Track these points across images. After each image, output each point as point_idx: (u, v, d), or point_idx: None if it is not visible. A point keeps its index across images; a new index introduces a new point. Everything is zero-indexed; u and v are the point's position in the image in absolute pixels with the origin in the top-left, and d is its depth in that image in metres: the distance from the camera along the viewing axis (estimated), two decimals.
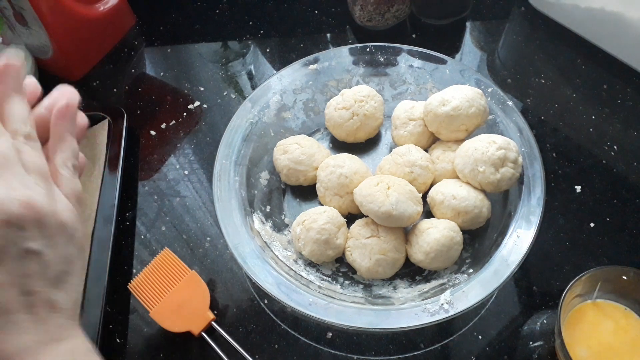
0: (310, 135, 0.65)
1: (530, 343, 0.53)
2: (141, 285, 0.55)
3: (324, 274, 0.55)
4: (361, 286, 0.54)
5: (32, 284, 0.28)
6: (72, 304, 0.31)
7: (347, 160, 0.57)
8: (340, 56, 0.66)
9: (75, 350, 0.30)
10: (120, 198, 0.60)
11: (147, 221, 0.62)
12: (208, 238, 0.61)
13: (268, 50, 0.78)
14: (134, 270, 0.59)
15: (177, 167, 0.67)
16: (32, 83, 0.34)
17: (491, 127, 0.60)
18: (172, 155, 0.68)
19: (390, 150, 0.61)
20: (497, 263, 0.49)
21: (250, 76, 0.76)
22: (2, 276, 0.27)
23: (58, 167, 0.32)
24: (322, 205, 0.58)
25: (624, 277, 0.48)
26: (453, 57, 0.67)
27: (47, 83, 0.37)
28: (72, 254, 0.30)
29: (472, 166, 0.53)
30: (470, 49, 0.77)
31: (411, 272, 0.55)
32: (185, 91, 0.74)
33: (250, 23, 0.81)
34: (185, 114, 0.72)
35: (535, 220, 0.51)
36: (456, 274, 0.52)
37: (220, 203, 0.54)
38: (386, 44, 0.66)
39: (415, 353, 0.52)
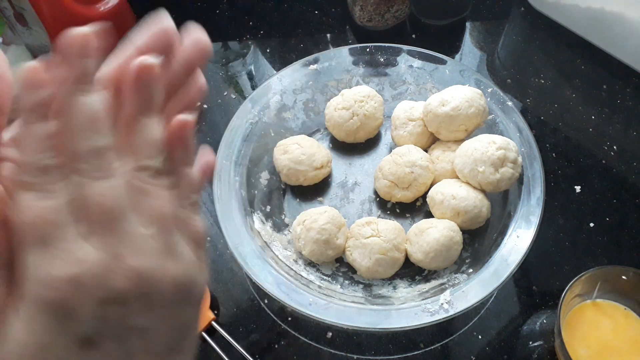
0: (310, 135, 0.65)
1: (530, 343, 0.53)
2: None
3: (324, 274, 0.55)
4: (361, 286, 0.54)
5: None
6: None
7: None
8: (340, 56, 0.66)
9: None
10: None
11: None
12: (208, 238, 0.61)
13: (268, 50, 0.78)
14: None
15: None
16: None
17: (491, 127, 0.60)
18: None
19: (390, 151, 0.61)
20: (496, 263, 0.50)
21: (251, 76, 0.76)
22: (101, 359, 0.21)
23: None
24: (320, 206, 0.58)
25: (623, 277, 0.48)
26: (453, 58, 0.68)
27: None
28: (186, 317, 0.24)
29: (472, 166, 0.53)
30: (470, 49, 0.77)
31: (411, 272, 0.55)
32: None
33: (250, 23, 0.81)
34: None
35: (535, 220, 0.51)
36: (456, 273, 0.52)
37: (220, 203, 0.54)
38: (386, 44, 0.66)
39: (415, 353, 0.53)
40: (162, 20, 0.26)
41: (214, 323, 0.53)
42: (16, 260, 0.21)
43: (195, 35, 0.27)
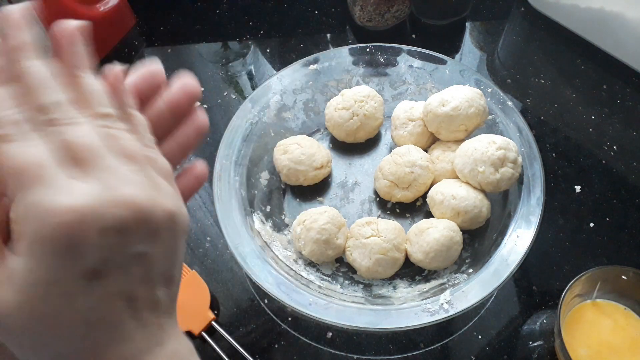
0: (310, 135, 0.65)
1: (530, 343, 0.53)
2: None
3: (324, 274, 0.55)
4: (361, 286, 0.54)
5: (137, 289, 0.24)
6: (172, 298, 0.27)
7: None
8: (340, 56, 0.66)
9: (178, 353, 0.26)
10: None
11: None
12: (208, 238, 0.61)
13: (268, 50, 0.78)
14: None
15: (177, 167, 0.67)
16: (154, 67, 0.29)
17: (491, 127, 0.60)
18: None
19: (390, 151, 0.61)
20: (496, 263, 0.50)
21: (251, 76, 0.76)
22: (108, 288, 0.23)
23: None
24: (320, 205, 0.58)
25: (623, 277, 0.48)
26: (453, 58, 0.68)
27: None
28: (176, 245, 0.26)
29: (472, 166, 0.53)
30: (470, 49, 0.77)
31: (411, 272, 0.55)
32: None
33: (250, 23, 0.81)
34: None
35: (535, 220, 0.51)
36: (456, 273, 0.52)
37: (220, 203, 0.54)
38: (386, 44, 0.66)
39: (415, 353, 0.53)
40: (152, 64, 0.29)
41: (214, 323, 0.53)
42: (10, 207, 0.22)
43: (184, 80, 0.29)
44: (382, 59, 0.66)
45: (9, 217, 0.22)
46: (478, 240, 0.56)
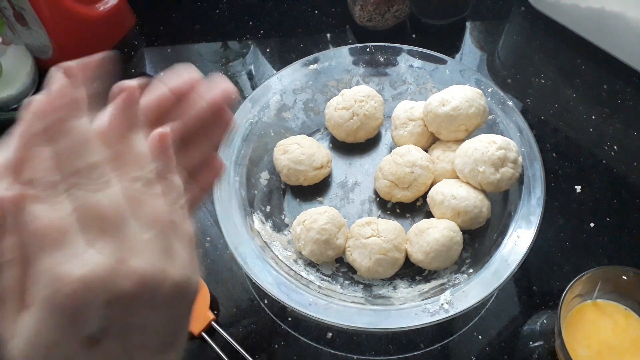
0: (310, 135, 0.65)
1: (530, 343, 0.53)
2: None
3: (324, 274, 0.55)
4: (361, 286, 0.54)
5: (135, 355, 0.24)
6: None
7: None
8: (340, 56, 0.66)
9: None
10: None
11: None
12: (208, 238, 0.61)
13: (268, 50, 0.78)
14: None
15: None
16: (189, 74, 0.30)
17: (491, 127, 0.60)
18: None
19: (390, 150, 0.61)
20: (497, 263, 0.49)
21: (250, 76, 0.76)
22: (105, 355, 0.23)
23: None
24: (320, 206, 0.58)
25: (623, 277, 0.48)
26: (453, 57, 0.67)
27: None
28: (183, 314, 0.26)
29: (472, 166, 0.53)
30: (470, 49, 0.77)
31: (411, 272, 0.55)
32: None
33: (250, 23, 0.81)
34: None
35: (535, 220, 0.51)
36: (456, 274, 0.52)
37: (220, 203, 0.54)
38: (386, 44, 0.66)
39: (415, 353, 0.52)
40: (189, 69, 0.30)
41: (213, 323, 0.53)
42: (30, 267, 0.22)
43: (221, 82, 0.31)
44: (382, 59, 0.66)
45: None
46: (478, 241, 0.56)
